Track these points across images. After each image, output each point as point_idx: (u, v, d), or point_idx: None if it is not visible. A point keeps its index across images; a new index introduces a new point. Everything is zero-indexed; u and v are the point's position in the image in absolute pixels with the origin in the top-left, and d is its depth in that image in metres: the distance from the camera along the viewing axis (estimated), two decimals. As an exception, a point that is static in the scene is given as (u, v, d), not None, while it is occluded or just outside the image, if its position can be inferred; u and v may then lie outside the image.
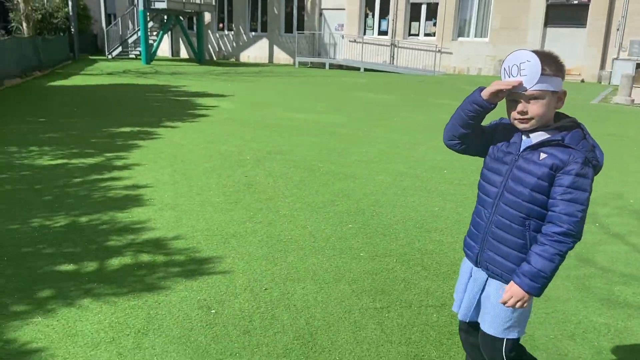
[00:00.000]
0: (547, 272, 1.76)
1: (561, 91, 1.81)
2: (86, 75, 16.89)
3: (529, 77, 1.75)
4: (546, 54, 1.80)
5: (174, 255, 3.72)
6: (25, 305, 2.97)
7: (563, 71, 1.81)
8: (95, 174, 5.69)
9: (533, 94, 1.77)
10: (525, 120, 1.82)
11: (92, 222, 4.28)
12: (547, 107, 1.79)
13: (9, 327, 2.75)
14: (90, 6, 26.14)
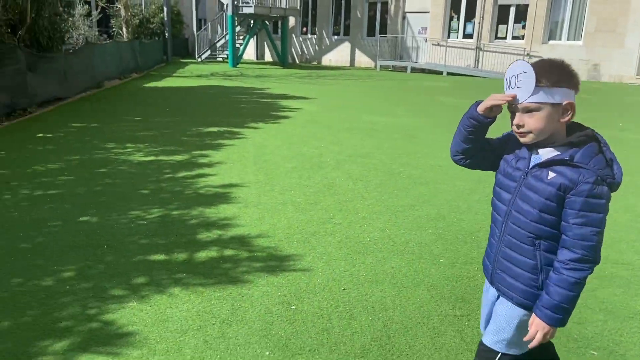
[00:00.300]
0: (568, 303, 1.68)
1: (566, 103, 1.68)
2: (177, 77, 17.87)
3: (524, 88, 1.68)
4: (548, 64, 1.70)
5: (257, 251, 3.85)
6: (122, 290, 3.21)
7: (570, 82, 1.68)
8: (185, 171, 6.01)
9: (528, 107, 1.69)
10: (522, 134, 1.74)
11: (182, 216, 4.54)
12: (546, 121, 1.69)
13: (107, 309, 2.98)
14: (183, 12, 27.65)
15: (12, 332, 2.72)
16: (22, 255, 3.65)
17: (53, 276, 3.34)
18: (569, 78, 1.68)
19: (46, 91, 10.52)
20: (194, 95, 13.17)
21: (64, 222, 4.29)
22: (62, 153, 6.68)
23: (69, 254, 3.68)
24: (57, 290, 3.17)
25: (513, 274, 1.83)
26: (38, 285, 3.22)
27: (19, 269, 3.44)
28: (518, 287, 1.82)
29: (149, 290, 3.21)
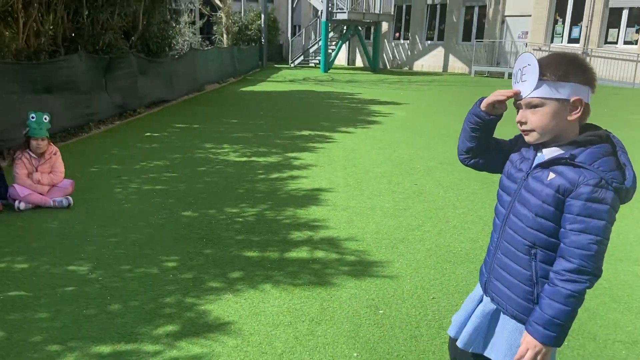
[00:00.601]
0: (562, 319, 1.49)
1: (574, 99, 1.52)
2: (271, 82, 18.48)
3: (528, 82, 1.55)
4: (557, 57, 1.55)
5: (345, 254, 3.89)
6: (219, 283, 3.38)
7: (581, 76, 1.52)
8: (277, 172, 6.21)
9: (531, 102, 1.56)
10: (526, 132, 1.60)
11: (275, 215, 4.69)
12: (551, 118, 1.54)
13: (205, 300, 3.16)
14: (279, 19, 28.57)
15: (121, 314, 2.96)
16: (133, 245, 3.96)
17: (158, 265, 3.60)
18: (579, 72, 1.53)
19: (153, 93, 11.33)
20: (286, 100, 13.55)
21: (169, 216, 4.60)
22: (166, 151, 7.16)
23: (172, 246, 3.95)
24: (162, 278, 3.41)
25: (508, 284, 1.68)
26: (145, 273, 3.48)
27: (129, 257, 3.74)
28: (514, 298, 1.67)
29: (244, 284, 3.36)
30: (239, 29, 23.91)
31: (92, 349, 2.62)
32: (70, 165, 5.31)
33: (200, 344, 2.69)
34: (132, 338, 2.72)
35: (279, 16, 28.97)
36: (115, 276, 3.42)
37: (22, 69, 7.11)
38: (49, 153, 4.91)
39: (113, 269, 3.52)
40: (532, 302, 1.63)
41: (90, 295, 3.15)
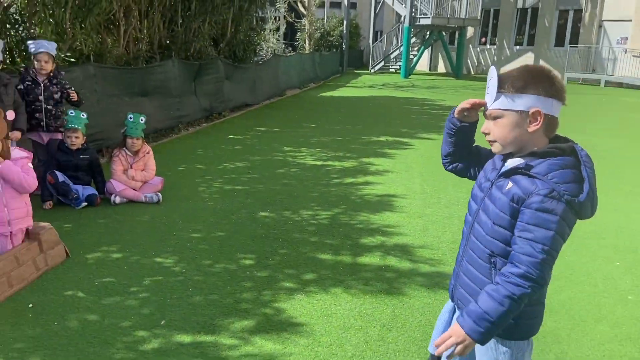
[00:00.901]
0: (494, 316, 1.48)
1: (533, 111, 1.53)
2: (351, 87, 18.59)
3: (490, 95, 1.60)
4: (519, 70, 1.58)
5: (419, 262, 3.85)
6: (292, 283, 3.47)
7: (541, 89, 1.52)
8: (352, 177, 6.24)
9: (492, 114, 1.61)
10: (490, 143, 1.64)
11: (349, 220, 4.73)
12: (510, 129, 1.57)
13: (279, 298, 3.25)
14: (361, 24, 28.69)
15: (202, 306, 3.12)
16: (214, 241, 4.15)
17: (237, 262, 3.75)
18: (540, 85, 1.53)
19: (238, 98, 11.79)
20: (365, 105, 13.58)
21: (248, 215, 4.77)
22: (247, 153, 7.43)
23: (250, 244, 4.09)
24: (240, 274, 3.55)
25: (471, 291, 1.67)
26: (224, 269, 3.64)
27: (211, 253, 3.92)
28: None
29: (316, 286, 3.42)
30: (321, 35, 24.29)
31: (175, 337, 2.78)
32: (160, 163, 5.65)
33: (274, 340, 2.78)
34: (210, 330, 2.86)
35: (361, 22, 29.09)
36: (197, 270, 3.61)
37: (121, 73, 7.68)
38: (143, 152, 5.27)
39: (195, 263, 3.72)
40: None
41: (174, 286, 3.35)
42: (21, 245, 3.43)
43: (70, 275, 3.47)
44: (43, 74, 5.04)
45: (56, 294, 3.21)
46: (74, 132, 4.95)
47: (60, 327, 2.85)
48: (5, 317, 2.93)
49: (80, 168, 5.00)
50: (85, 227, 4.36)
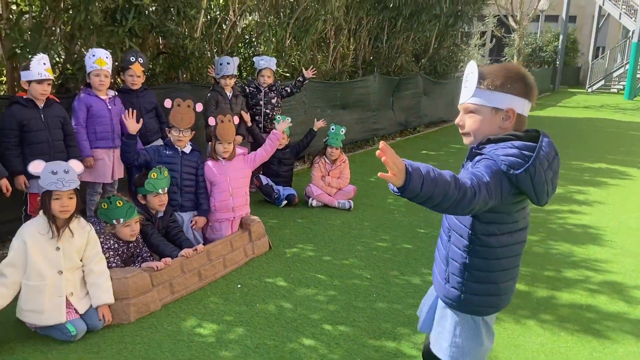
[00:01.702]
0: (429, 177, 1.46)
1: (507, 109, 1.67)
2: (562, 107, 17.05)
3: (468, 89, 1.70)
4: (499, 68, 1.69)
5: (631, 305, 3.37)
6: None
7: (517, 89, 1.66)
8: (555, 204, 5.73)
9: (467, 107, 1.72)
10: (463, 135, 1.77)
11: (547, 248, 4.37)
12: (482, 124, 1.70)
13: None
14: (580, 39, 26.15)
15: (385, 313, 3.19)
16: (399, 252, 4.23)
17: (421, 277, 3.76)
18: (516, 85, 1.65)
19: (434, 113, 11.74)
20: (578, 127, 12.34)
21: (433, 231, 4.74)
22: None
23: (435, 260, 4.06)
24: (424, 289, 3.55)
25: (436, 266, 1.88)
26: (408, 281, 3.68)
27: (396, 263, 4.00)
28: (438, 279, 1.86)
29: (505, 313, 3.23)
30: (532, 50, 22.80)
31: (358, 337, 2.91)
32: (354, 173, 5.95)
33: None
34: (393, 337, 2.92)
35: (580, 37, 26.50)
36: (381, 277, 3.71)
37: (326, 87, 8.29)
38: (340, 161, 5.61)
39: (380, 271, 3.83)
40: (445, 280, 1.82)
41: (359, 289, 3.50)
42: (236, 232, 3.95)
43: (272, 265, 3.87)
44: (264, 86, 5.73)
45: (259, 280, 3.61)
46: None
47: (261, 308, 3.20)
48: (219, 293, 3.40)
49: (283, 163, 5.56)
50: (285, 224, 4.81)
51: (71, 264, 2.87)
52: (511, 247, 1.73)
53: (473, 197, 1.52)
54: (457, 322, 1.80)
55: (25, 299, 2.76)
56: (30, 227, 2.80)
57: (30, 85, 3.64)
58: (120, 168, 4.32)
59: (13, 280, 2.71)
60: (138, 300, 3.04)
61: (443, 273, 1.81)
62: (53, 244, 2.78)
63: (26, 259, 2.73)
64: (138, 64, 4.34)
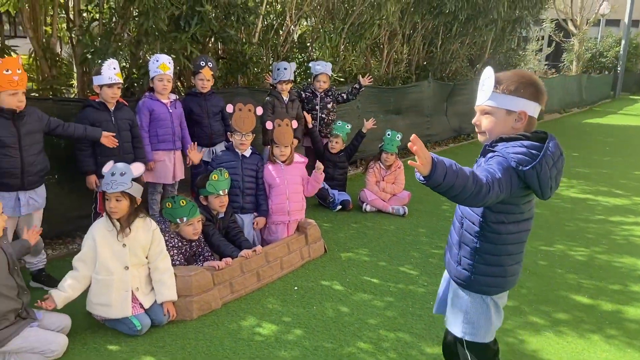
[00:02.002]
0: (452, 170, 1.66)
1: (519, 112, 1.84)
2: (623, 114, 16.32)
3: (484, 92, 1.87)
4: (514, 74, 1.85)
5: None
6: (540, 318, 3.24)
7: (530, 94, 1.83)
8: (619, 215, 5.50)
9: (484, 109, 1.90)
10: (479, 133, 1.95)
11: (611, 261, 4.19)
12: (496, 124, 1.87)
13: (524, 330, 3.09)
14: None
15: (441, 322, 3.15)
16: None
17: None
18: (529, 90, 1.83)
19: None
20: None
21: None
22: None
23: (494, 269, 3.97)
24: (481, 298, 3.48)
25: (449, 251, 2.08)
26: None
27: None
28: (451, 262, 2.06)
29: (568, 327, 3.13)
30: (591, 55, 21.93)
31: (415, 343, 2.89)
32: (408, 178, 5.89)
33: (514, 373, 2.66)
34: (449, 345, 2.89)
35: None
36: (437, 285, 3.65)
37: (380, 92, 8.27)
38: (395, 166, 5.59)
39: (437, 279, 3.78)
40: (458, 263, 2.02)
41: (416, 296, 3.48)
42: (292, 235, 4.01)
43: (327, 268, 3.90)
44: (320, 91, 5.79)
45: (315, 282, 3.65)
46: (335, 137, 5.60)
47: (318, 311, 3.24)
48: (277, 294, 3.46)
49: (338, 166, 5.59)
50: (339, 228, 4.83)
51: (137, 260, 2.99)
52: (517, 234, 1.94)
53: (488, 191, 1.72)
54: (468, 301, 2.02)
55: (95, 292, 2.90)
56: (99, 224, 2.95)
57: (102, 89, 3.82)
58: (181, 169, 4.48)
59: (83, 274, 2.86)
60: (200, 298, 3.14)
61: (455, 256, 2.03)
62: (119, 241, 2.91)
63: (95, 255, 2.87)
64: (207, 68, 4.50)
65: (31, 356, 2.57)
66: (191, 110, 4.51)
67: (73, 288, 2.83)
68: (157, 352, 2.75)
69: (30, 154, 3.19)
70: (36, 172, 3.26)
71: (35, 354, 2.57)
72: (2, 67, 3.04)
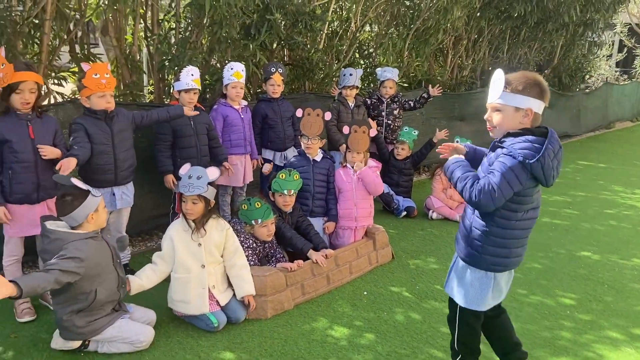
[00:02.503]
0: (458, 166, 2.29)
1: (526, 109, 2.10)
2: None
3: (496, 91, 2.15)
4: (521, 75, 2.12)
5: None
6: (619, 334, 3.12)
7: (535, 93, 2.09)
8: None
9: (495, 106, 2.17)
10: (490, 128, 2.24)
11: (700, 279, 3.95)
12: (506, 120, 2.15)
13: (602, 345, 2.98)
14: None
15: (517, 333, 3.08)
16: (529, 272, 4.04)
17: (554, 298, 3.58)
18: (535, 90, 2.10)
19: (558, 127, 11.04)
20: None
21: (567, 252, 4.47)
22: (567, 187, 6.93)
23: (570, 283, 3.84)
24: (558, 312, 3.38)
25: (460, 234, 2.38)
26: (541, 302, 3.51)
27: (526, 283, 3.84)
28: (461, 243, 2.37)
29: (652, 345, 2.99)
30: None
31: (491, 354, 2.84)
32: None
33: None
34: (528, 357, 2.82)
35: None
36: (511, 296, 3.58)
37: (445, 98, 8.16)
38: (462, 173, 5.50)
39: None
40: (468, 244, 2.31)
41: (488, 307, 3.41)
42: (361, 240, 4.03)
43: (396, 274, 3.90)
44: (387, 97, 5.79)
45: (384, 288, 3.65)
46: (401, 144, 5.58)
47: (389, 317, 3.24)
48: (346, 298, 3.50)
49: (403, 173, 5.57)
50: (406, 235, 4.81)
51: (212, 259, 3.11)
52: (524, 221, 2.21)
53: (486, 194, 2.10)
54: (474, 277, 2.32)
55: (174, 290, 3.05)
56: (175, 225, 3.10)
57: (180, 94, 4.01)
58: (250, 172, 4.61)
59: (161, 269, 3.02)
60: (274, 298, 3.22)
61: (466, 239, 2.31)
62: (195, 240, 3.03)
63: (174, 254, 3.01)
64: (278, 73, 4.63)
65: (122, 345, 2.73)
66: (266, 114, 4.64)
67: (149, 278, 2.99)
68: (236, 348, 2.85)
69: (121, 150, 3.41)
70: (127, 167, 3.48)
71: (125, 343, 2.72)
72: (92, 71, 3.26)
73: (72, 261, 2.46)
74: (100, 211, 2.70)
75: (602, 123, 13.14)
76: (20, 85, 2.86)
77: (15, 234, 3.00)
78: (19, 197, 2.94)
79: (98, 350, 2.74)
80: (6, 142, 2.87)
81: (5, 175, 2.90)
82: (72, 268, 2.45)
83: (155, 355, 2.75)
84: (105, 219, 2.77)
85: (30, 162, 2.94)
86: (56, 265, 2.41)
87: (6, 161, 2.89)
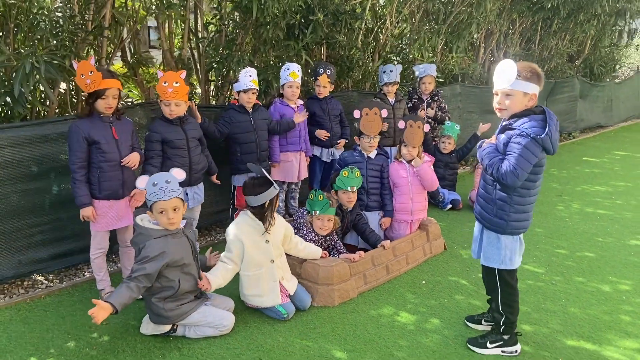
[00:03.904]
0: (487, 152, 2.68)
1: (532, 93, 2.53)
2: None
3: (507, 79, 2.51)
4: (527, 65, 2.54)
5: None
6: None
7: (536, 80, 2.52)
8: None
9: (506, 92, 2.55)
10: (500, 110, 2.62)
11: None
12: (516, 103, 2.54)
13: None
14: None
15: (579, 318, 3.19)
16: (582, 260, 4.14)
17: (610, 284, 3.68)
18: (536, 77, 2.53)
19: (591, 118, 11.01)
20: None
21: (616, 240, 4.55)
22: (608, 178, 6.95)
23: (623, 270, 3.92)
24: (615, 297, 3.48)
25: (482, 204, 2.76)
26: (598, 289, 3.61)
27: (580, 270, 3.93)
28: (484, 213, 2.75)
29: None
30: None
31: (555, 338, 2.96)
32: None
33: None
34: (592, 339, 2.95)
35: None
36: (567, 283, 3.69)
37: (481, 92, 8.22)
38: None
39: (564, 276, 3.80)
40: (494, 214, 2.69)
41: (547, 293, 3.53)
42: (415, 232, 4.17)
43: (450, 264, 4.03)
44: (426, 93, 5.90)
45: (442, 277, 3.79)
46: (447, 138, 5.68)
47: (450, 303, 3.39)
48: (407, 286, 3.65)
49: (449, 166, 5.69)
50: (454, 227, 4.93)
51: (278, 252, 3.28)
52: (537, 189, 2.64)
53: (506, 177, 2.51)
54: (503, 242, 2.69)
55: (247, 286, 3.22)
56: (243, 226, 3.18)
57: (239, 94, 4.20)
58: (305, 169, 4.78)
59: (233, 269, 3.17)
60: (340, 287, 3.39)
61: (492, 210, 2.68)
62: (263, 238, 3.19)
63: (243, 253, 3.16)
64: (325, 75, 4.78)
65: (207, 329, 2.93)
66: (314, 112, 4.81)
67: (224, 278, 3.14)
68: (310, 332, 3.02)
69: (195, 153, 3.61)
70: (200, 169, 3.68)
71: (210, 327, 2.92)
72: (162, 79, 3.45)
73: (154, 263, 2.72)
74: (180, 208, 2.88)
75: (633, 113, 13.00)
76: (106, 91, 3.08)
77: (102, 228, 3.22)
78: (107, 194, 3.16)
79: (185, 335, 2.94)
80: (95, 143, 3.09)
81: (94, 174, 3.12)
82: (151, 271, 2.71)
83: (237, 339, 2.94)
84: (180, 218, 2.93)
85: (116, 161, 3.16)
86: (137, 272, 2.70)
87: (94, 161, 3.11)
